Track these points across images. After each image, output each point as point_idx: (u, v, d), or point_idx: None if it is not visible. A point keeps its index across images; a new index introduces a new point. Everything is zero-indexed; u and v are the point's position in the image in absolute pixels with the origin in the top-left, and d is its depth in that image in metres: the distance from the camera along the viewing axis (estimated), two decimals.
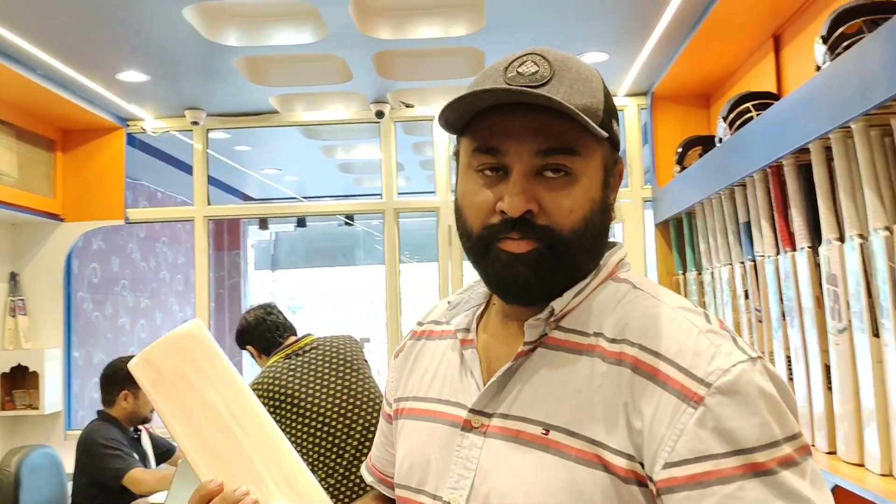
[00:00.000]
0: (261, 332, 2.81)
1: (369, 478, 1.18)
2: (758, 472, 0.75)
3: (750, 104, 2.51)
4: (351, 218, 8.15)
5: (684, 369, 0.79)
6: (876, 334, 1.68)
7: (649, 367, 0.81)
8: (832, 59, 1.83)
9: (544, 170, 0.85)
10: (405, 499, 0.97)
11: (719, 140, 2.68)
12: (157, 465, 3.46)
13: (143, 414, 3.32)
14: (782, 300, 2.18)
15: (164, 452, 3.54)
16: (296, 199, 7.07)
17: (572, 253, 0.86)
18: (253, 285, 8.80)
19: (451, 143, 4.27)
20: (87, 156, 4.20)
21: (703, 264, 3.06)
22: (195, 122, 4.13)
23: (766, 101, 2.49)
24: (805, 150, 1.96)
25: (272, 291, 9.89)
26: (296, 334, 2.85)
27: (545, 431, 0.84)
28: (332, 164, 5.80)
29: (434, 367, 1.01)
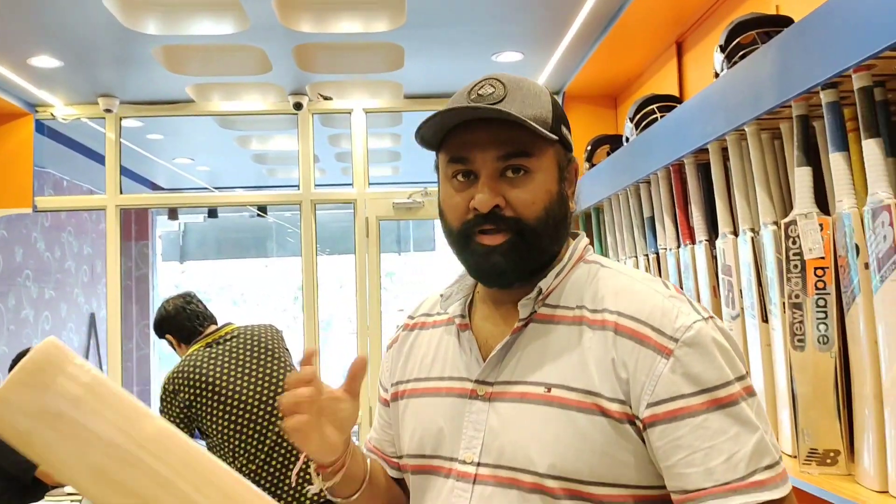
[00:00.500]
0: (180, 321, 2.82)
1: (371, 458, 1.27)
2: (720, 405, 0.96)
3: (654, 106, 2.67)
4: (263, 209, 8.08)
5: (656, 328, 1.00)
6: (765, 320, 1.83)
7: (628, 329, 1.01)
8: (729, 67, 1.98)
9: (506, 171, 1.05)
10: (420, 466, 1.12)
11: (626, 139, 2.83)
12: None
13: None
14: (683, 290, 2.34)
15: None
16: (207, 189, 6.97)
17: (538, 237, 1.06)
18: (161, 277, 8.62)
19: (368, 137, 4.32)
20: None
21: (610, 256, 3.22)
22: (108, 110, 4.06)
23: (670, 103, 2.65)
24: (704, 150, 2.12)
25: (177, 284, 9.69)
26: (216, 323, 2.87)
27: (547, 390, 1.02)
28: (247, 154, 5.76)
29: (433, 351, 1.17)
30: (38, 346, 0.82)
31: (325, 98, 4.20)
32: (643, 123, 2.67)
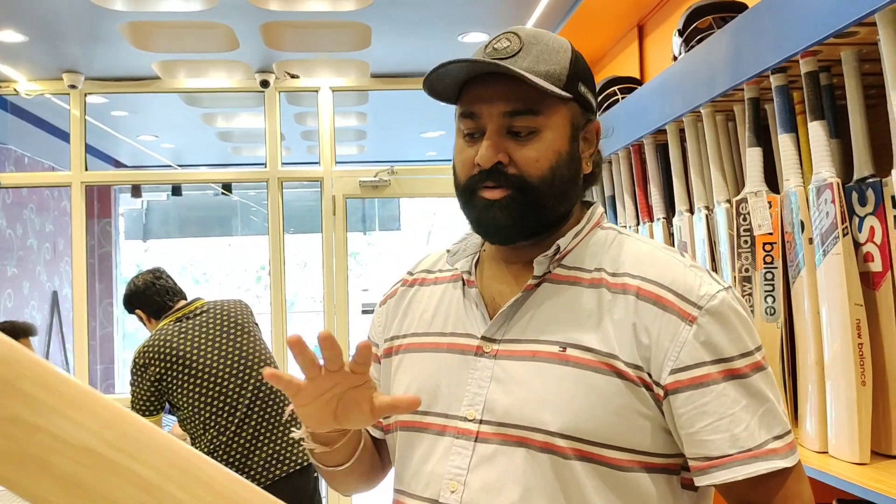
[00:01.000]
0: (150, 295, 2.85)
1: None
2: (735, 375, 0.98)
3: (616, 88, 2.74)
4: (228, 188, 8.05)
5: (680, 295, 1.00)
6: None
7: (652, 294, 1.01)
8: (686, 50, 2.06)
9: (512, 128, 1.03)
10: (411, 422, 1.10)
11: None
12: None
13: None
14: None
15: None
16: (171, 166, 6.93)
17: (542, 196, 1.04)
18: (124, 255, 8.56)
19: (335, 116, 4.35)
20: None
21: None
22: (73, 86, 4.04)
23: (631, 85, 2.73)
24: (662, 131, 2.20)
25: (139, 263, 9.62)
26: (185, 298, 2.91)
27: (562, 349, 1.01)
28: (212, 132, 5.74)
29: (433, 306, 1.16)
30: None
31: (292, 76, 4.21)
32: (605, 104, 2.74)
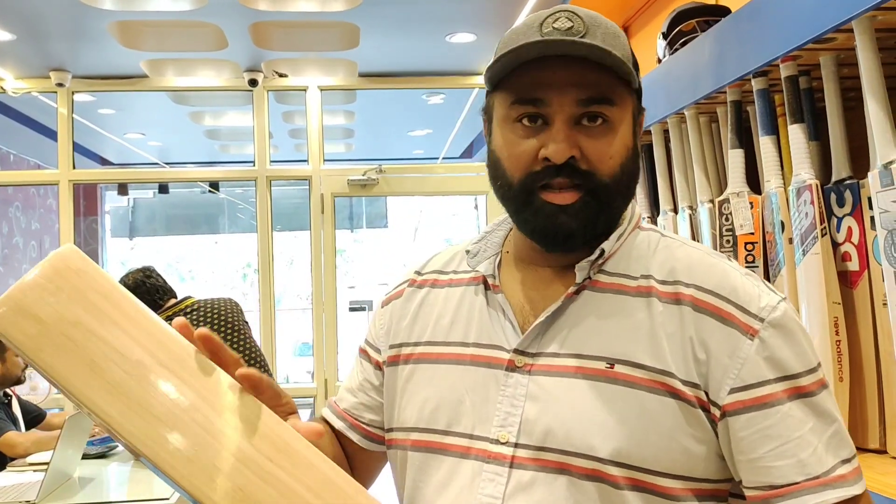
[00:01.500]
0: (140, 294, 2.86)
1: (339, 423, 1.12)
2: (801, 394, 0.87)
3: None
4: (215, 185, 8.05)
5: (740, 306, 0.89)
6: None
7: (709, 305, 0.90)
8: (671, 53, 2.10)
9: (582, 118, 0.90)
10: (426, 442, 0.97)
11: None
12: (26, 430, 3.43)
13: (14, 376, 3.28)
14: None
15: (35, 418, 3.51)
16: (157, 164, 6.93)
17: (612, 198, 0.93)
18: (110, 253, 8.55)
19: (322, 114, 4.36)
20: None
21: None
22: (60, 84, 4.04)
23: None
24: (647, 132, 2.24)
25: (124, 261, 9.60)
26: (176, 297, 2.93)
27: (610, 365, 0.90)
28: (199, 130, 5.75)
29: (451, 312, 1.02)
30: (57, 250, 0.74)
31: (281, 75, 4.23)
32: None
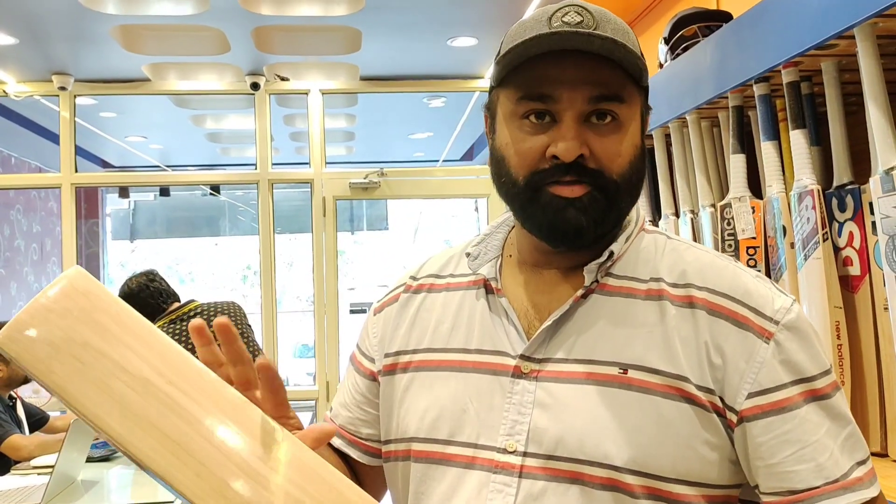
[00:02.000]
0: (144, 298, 2.87)
1: (337, 441, 1.09)
2: (816, 396, 0.86)
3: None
4: (216, 188, 8.06)
5: (755, 309, 0.87)
6: None
7: (724, 309, 0.88)
8: (672, 58, 2.11)
9: (591, 116, 0.88)
10: (428, 452, 0.94)
11: None
12: (29, 433, 3.44)
13: (20, 376, 3.29)
14: None
15: (38, 421, 3.52)
16: (159, 167, 6.94)
17: (620, 196, 0.90)
18: (111, 255, 8.56)
19: (328, 114, 4.38)
20: None
21: None
22: (62, 88, 4.05)
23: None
24: (649, 136, 2.25)
25: (123, 263, 9.61)
26: (179, 300, 2.93)
27: (623, 371, 0.87)
28: (200, 133, 5.76)
29: (450, 317, 0.99)
30: (64, 272, 0.77)
31: (283, 79, 4.24)
32: None
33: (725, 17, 2.04)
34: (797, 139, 1.53)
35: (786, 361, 0.86)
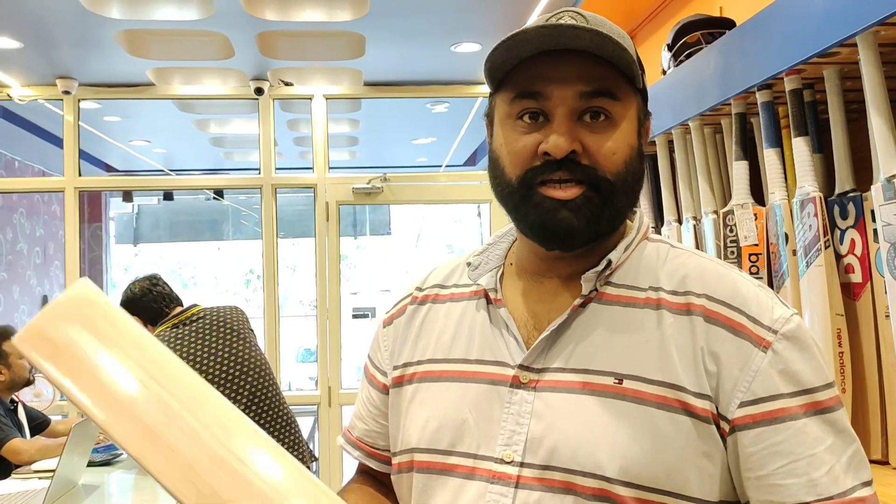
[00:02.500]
0: (147, 302, 2.87)
1: (355, 453, 1.11)
2: (818, 409, 0.83)
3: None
4: (220, 192, 8.08)
5: (752, 317, 0.86)
6: None
7: (720, 316, 0.87)
8: (675, 65, 2.11)
9: (585, 114, 0.88)
10: (430, 463, 0.94)
11: None
12: (31, 437, 3.44)
13: (22, 379, 3.30)
14: None
15: (39, 425, 3.52)
16: (162, 171, 6.95)
17: (616, 196, 0.89)
18: (115, 259, 8.57)
19: (330, 122, 4.38)
20: None
21: None
22: (67, 92, 4.07)
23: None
24: (652, 143, 2.25)
25: (127, 267, 9.63)
26: (182, 305, 2.94)
27: (618, 381, 0.86)
28: (204, 137, 5.78)
29: (452, 328, 0.99)
30: (73, 284, 0.86)
31: (287, 84, 4.25)
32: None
33: (728, 24, 2.04)
34: (799, 146, 1.54)
35: (785, 371, 0.84)
